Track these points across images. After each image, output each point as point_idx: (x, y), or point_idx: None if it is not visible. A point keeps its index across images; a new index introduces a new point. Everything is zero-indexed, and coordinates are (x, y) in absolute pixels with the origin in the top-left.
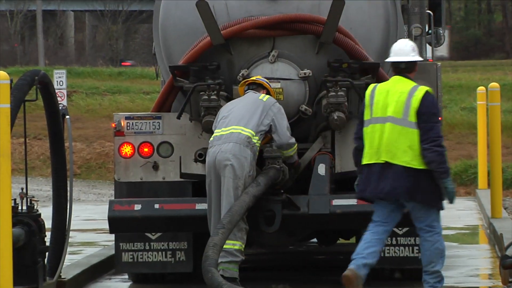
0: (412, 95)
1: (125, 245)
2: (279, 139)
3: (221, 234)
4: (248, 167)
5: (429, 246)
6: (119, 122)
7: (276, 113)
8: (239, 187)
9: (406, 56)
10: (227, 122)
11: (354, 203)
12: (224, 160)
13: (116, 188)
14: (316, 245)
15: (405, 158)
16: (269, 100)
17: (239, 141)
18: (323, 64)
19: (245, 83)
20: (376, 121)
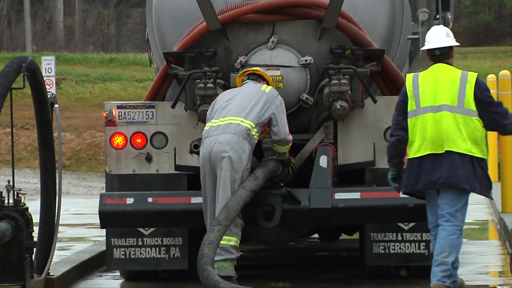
0: (465, 81)
1: (116, 240)
2: (278, 134)
3: (217, 231)
4: (245, 160)
5: (445, 234)
6: (110, 111)
7: (278, 107)
8: (236, 181)
9: (440, 42)
10: (225, 112)
11: (358, 196)
12: (221, 151)
13: (107, 180)
14: (318, 241)
15: (465, 146)
16: (272, 92)
17: (238, 132)
18: (325, 51)
19: (244, 73)
20: (426, 111)
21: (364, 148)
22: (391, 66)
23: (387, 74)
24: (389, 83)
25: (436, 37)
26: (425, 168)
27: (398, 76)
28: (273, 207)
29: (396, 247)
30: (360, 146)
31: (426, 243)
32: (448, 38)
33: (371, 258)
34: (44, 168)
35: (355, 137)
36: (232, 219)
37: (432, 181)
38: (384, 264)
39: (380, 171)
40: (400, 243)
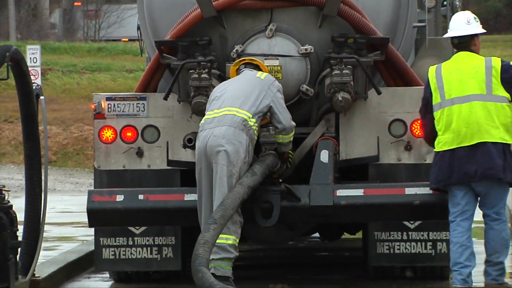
0: (490, 67)
1: (106, 240)
2: (282, 122)
3: (213, 230)
4: (243, 153)
5: (494, 235)
6: (99, 104)
7: (275, 94)
8: (233, 175)
9: (458, 30)
10: (220, 103)
11: (361, 193)
12: (217, 145)
13: (96, 177)
14: (319, 240)
15: (499, 134)
16: (268, 78)
17: (233, 124)
18: (326, 39)
19: (239, 63)
20: (452, 103)
21: (368, 142)
22: (396, 56)
23: (392, 64)
24: (394, 74)
25: (456, 24)
26: (458, 161)
27: (403, 66)
28: (271, 204)
29: (401, 246)
30: (363, 140)
31: (433, 243)
32: (469, 26)
33: (375, 259)
34: (29, 164)
35: (358, 130)
36: (228, 217)
37: (469, 174)
38: (388, 264)
39: (384, 166)
40: (405, 243)
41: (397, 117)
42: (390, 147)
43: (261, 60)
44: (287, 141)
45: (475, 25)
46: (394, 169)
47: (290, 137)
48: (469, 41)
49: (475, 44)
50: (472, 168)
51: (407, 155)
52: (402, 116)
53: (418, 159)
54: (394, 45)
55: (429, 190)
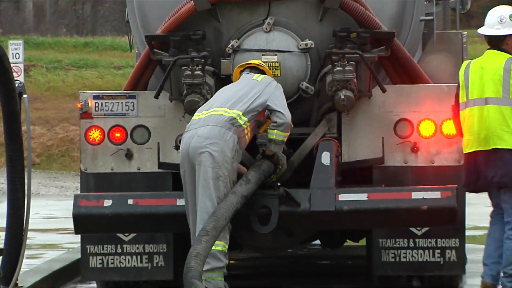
0: (508, 69)
1: (93, 247)
2: (281, 116)
3: (205, 242)
4: (229, 152)
5: (510, 245)
6: (85, 102)
7: (273, 93)
8: (220, 177)
9: (490, 28)
10: (210, 104)
11: (365, 198)
12: (200, 146)
13: (82, 180)
14: (319, 248)
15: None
16: (265, 79)
17: (219, 123)
18: (327, 34)
19: (245, 65)
20: (474, 103)
21: (372, 144)
22: (402, 51)
23: (398, 60)
24: (399, 70)
25: (487, 22)
26: (480, 164)
27: (409, 62)
28: (269, 209)
29: (407, 254)
30: (367, 141)
31: (442, 250)
32: (501, 25)
33: (380, 267)
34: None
35: (362, 131)
36: (221, 229)
37: (488, 179)
38: (394, 274)
39: (390, 169)
40: (412, 250)
41: (403, 117)
42: (395, 149)
43: (258, 56)
44: (280, 140)
45: (508, 24)
46: (400, 172)
47: (284, 136)
48: (501, 40)
49: (508, 43)
50: (491, 173)
51: (414, 157)
52: (408, 115)
53: (425, 161)
54: (400, 40)
55: (437, 194)
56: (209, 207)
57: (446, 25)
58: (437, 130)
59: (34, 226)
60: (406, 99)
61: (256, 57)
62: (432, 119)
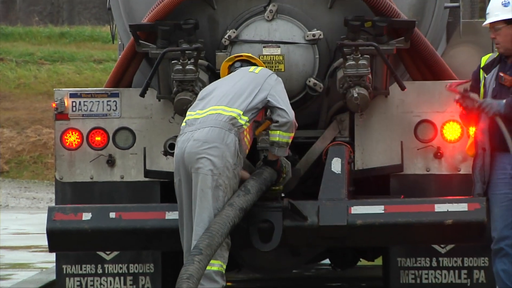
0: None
1: (69, 268)
2: (284, 115)
3: (198, 262)
4: (231, 157)
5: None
6: (61, 101)
7: (274, 86)
8: (220, 186)
9: (490, 18)
10: (205, 102)
11: (381, 211)
12: (197, 152)
13: (57, 190)
14: (329, 268)
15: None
16: (263, 72)
17: (218, 124)
18: (338, 23)
19: (234, 58)
20: None
21: (389, 149)
22: (424, 43)
23: (419, 53)
24: (421, 65)
25: (490, 9)
26: None
27: (432, 56)
28: (271, 224)
29: (430, 275)
30: (383, 146)
31: (469, 271)
32: (506, 9)
33: None
34: None
35: (377, 134)
36: (216, 247)
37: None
38: None
39: (410, 177)
40: (435, 271)
41: (425, 118)
42: (416, 155)
43: (259, 48)
44: (285, 141)
45: (507, 10)
46: (421, 181)
47: (289, 137)
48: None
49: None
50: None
51: (437, 164)
52: (431, 116)
53: (450, 169)
54: (421, 30)
55: (464, 207)
56: (207, 221)
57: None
58: (463, 133)
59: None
60: (429, 98)
61: (256, 49)
62: (458, 121)
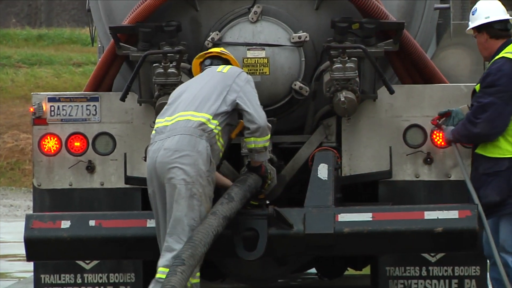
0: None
1: (48, 277)
2: (254, 120)
3: (181, 273)
4: (203, 164)
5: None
6: (39, 106)
7: (243, 87)
8: (195, 195)
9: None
10: (173, 108)
11: (369, 218)
12: (168, 162)
13: (35, 197)
14: (316, 278)
15: None
16: (232, 70)
17: (188, 131)
18: (325, 25)
19: (204, 55)
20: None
21: (377, 154)
22: (413, 45)
23: (408, 56)
24: (410, 68)
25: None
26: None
27: (422, 58)
28: (256, 232)
29: (419, 285)
30: (371, 152)
31: (460, 280)
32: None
33: None
34: None
35: (365, 139)
36: (200, 257)
37: None
38: None
39: (399, 184)
40: (425, 280)
41: (415, 122)
42: (405, 160)
43: (244, 51)
44: (261, 146)
45: (478, 16)
46: (410, 187)
47: (264, 141)
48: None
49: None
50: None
51: (427, 170)
52: (420, 121)
53: (440, 175)
54: (411, 32)
55: (455, 214)
56: (180, 232)
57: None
58: None
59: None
60: (418, 102)
61: (240, 52)
62: None
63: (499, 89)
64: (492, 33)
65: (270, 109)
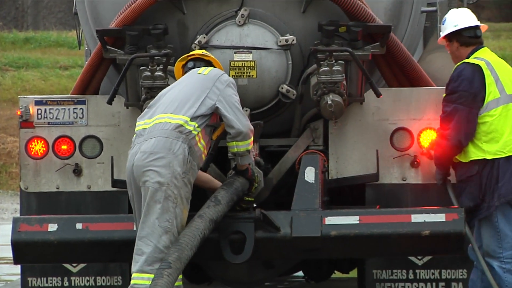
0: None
1: (35, 280)
2: (234, 124)
3: (167, 276)
4: (179, 166)
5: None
6: (26, 109)
7: (224, 89)
8: (169, 197)
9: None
10: (152, 111)
11: (356, 221)
12: (143, 165)
13: (22, 201)
14: (303, 280)
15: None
16: (212, 73)
17: (164, 133)
18: (312, 28)
19: (186, 58)
20: (511, 100)
21: (364, 157)
22: (400, 48)
23: (395, 59)
24: (397, 71)
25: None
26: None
27: (408, 61)
28: (243, 235)
29: None
30: (358, 155)
31: (447, 283)
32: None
33: None
34: None
35: (352, 142)
36: (186, 260)
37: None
38: None
39: (386, 187)
40: (412, 283)
41: (401, 126)
42: (392, 163)
43: (231, 54)
44: (243, 150)
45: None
46: (397, 190)
47: (247, 145)
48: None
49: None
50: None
51: (414, 173)
52: (407, 124)
53: (427, 178)
54: (397, 35)
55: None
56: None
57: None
58: None
59: None
60: (405, 105)
61: (227, 55)
62: (435, 129)
63: (460, 94)
64: (462, 41)
65: (257, 112)
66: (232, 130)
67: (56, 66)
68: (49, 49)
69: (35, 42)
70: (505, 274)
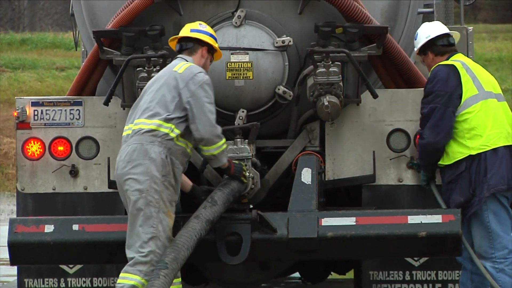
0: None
1: (31, 281)
2: (197, 130)
3: (164, 277)
4: (158, 170)
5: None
6: (22, 110)
7: (195, 91)
8: (151, 203)
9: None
10: (134, 115)
11: (352, 223)
12: (123, 174)
13: (19, 202)
14: (299, 282)
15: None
16: (187, 71)
17: (139, 140)
18: (308, 29)
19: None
20: (490, 96)
21: (361, 159)
22: (396, 50)
23: (391, 60)
24: (393, 72)
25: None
26: (503, 163)
27: (405, 63)
28: (239, 236)
29: None
30: (355, 156)
31: (443, 284)
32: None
33: None
34: None
35: (349, 143)
36: (182, 261)
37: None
38: None
39: (382, 188)
40: (408, 285)
41: (398, 127)
42: (389, 165)
43: (227, 55)
44: (209, 154)
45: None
46: (394, 192)
47: (213, 149)
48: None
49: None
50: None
51: (411, 175)
52: (404, 125)
53: None
54: (394, 36)
55: (438, 218)
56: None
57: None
58: None
59: None
60: (402, 106)
61: (224, 56)
62: None
63: (436, 94)
64: (436, 51)
65: (254, 113)
66: (196, 136)
67: (52, 67)
68: (46, 50)
69: (32, 43)
70: (499, 274)
